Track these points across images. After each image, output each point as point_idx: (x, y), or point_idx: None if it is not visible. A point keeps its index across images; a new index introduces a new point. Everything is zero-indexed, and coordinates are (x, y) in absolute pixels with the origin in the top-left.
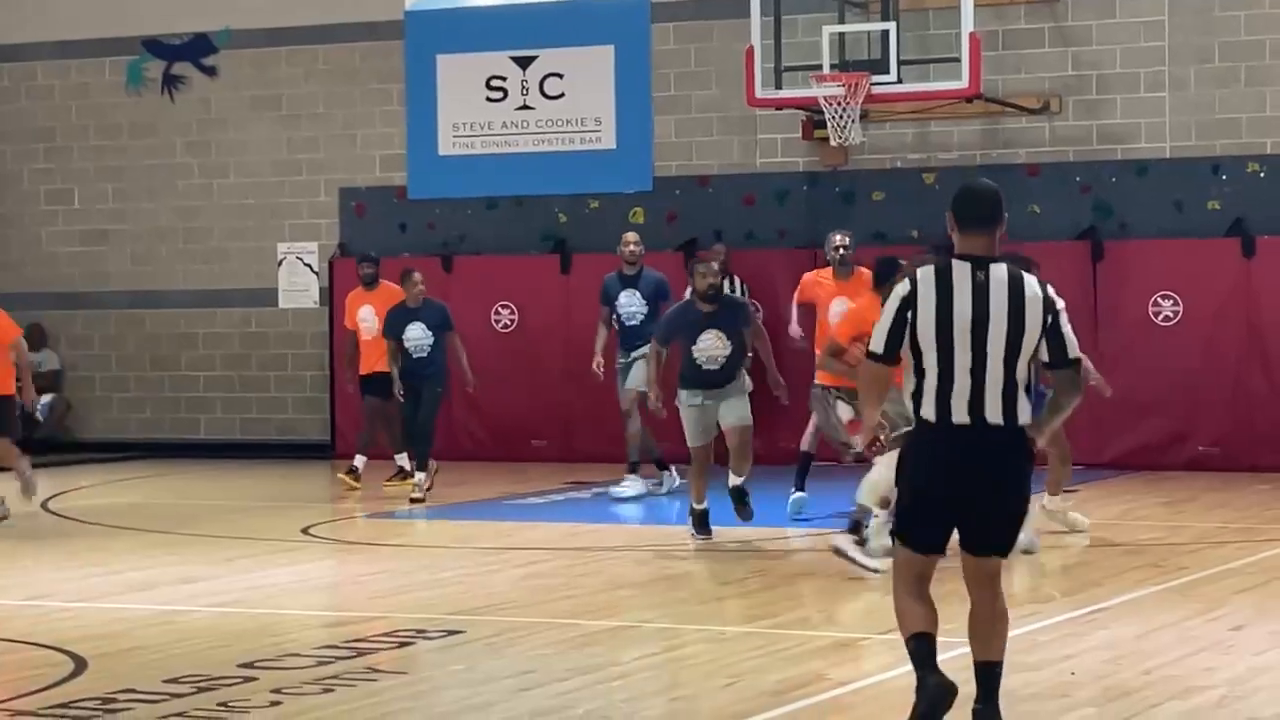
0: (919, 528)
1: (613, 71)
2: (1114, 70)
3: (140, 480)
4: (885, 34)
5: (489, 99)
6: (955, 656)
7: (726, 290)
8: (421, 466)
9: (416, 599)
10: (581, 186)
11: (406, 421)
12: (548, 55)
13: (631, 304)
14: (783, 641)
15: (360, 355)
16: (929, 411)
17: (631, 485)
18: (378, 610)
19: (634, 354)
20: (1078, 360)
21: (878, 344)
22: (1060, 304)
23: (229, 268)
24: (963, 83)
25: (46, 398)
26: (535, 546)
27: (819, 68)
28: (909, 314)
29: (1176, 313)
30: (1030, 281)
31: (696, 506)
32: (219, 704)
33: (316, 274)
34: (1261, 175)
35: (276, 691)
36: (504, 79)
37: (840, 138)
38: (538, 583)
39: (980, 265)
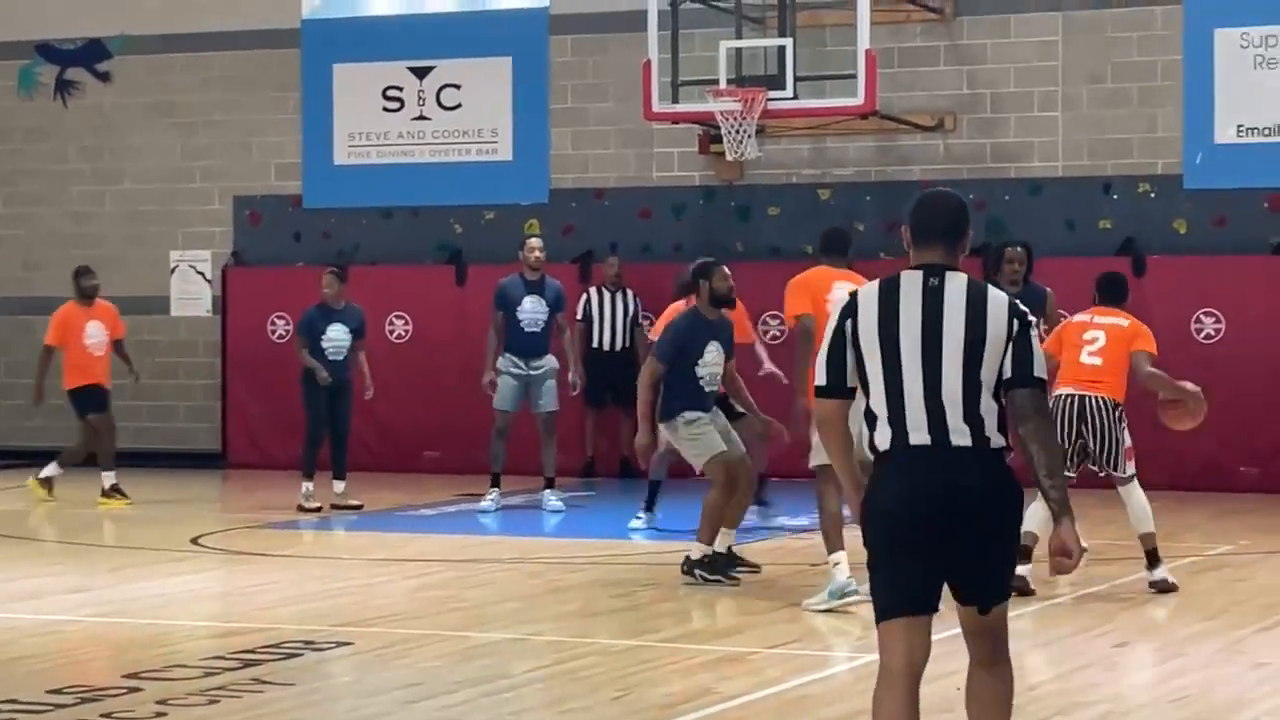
0: (890, 580)
1: (510, 83)
2: (1008, 89)
3: (26, 488)
4: (781, 50)
5: (385, 109)
6: None
7: (620, 304)
8: (343, 474)
9: (306, 610)
10: (478, 198)
11: (317, 425)
12: (445, 66)
13: (536, 310)
14: (672, 655)
15: (77, 369)
16: (882, 437)
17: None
18: (266, 621)
19: (535, 365)
20: (1042, 381)
21: (820, 374)
22: (1031, 317)
23: (122, 275)
24: (858, 99)
25: None
26: (427, 558)
27: (716, 83)
28: (848, 323)
29: None
30: (995, 292)
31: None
32: (102, 715)
33: (210, 282)
34: (1152, 195)
35: (161, 703)
36: (401, 89)
37: (736, 153)
38: (429, 594)
39: (934, 272)
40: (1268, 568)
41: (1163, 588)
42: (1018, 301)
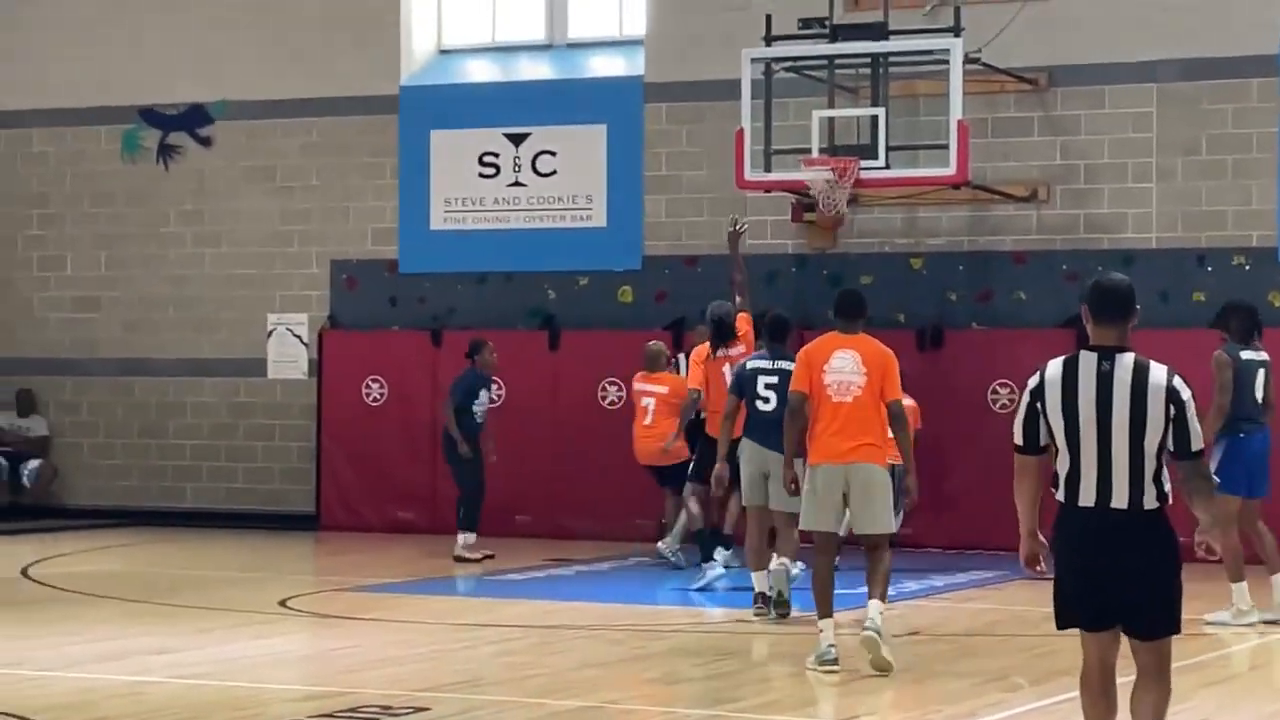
0: (1072, 603)
1: (605, 150)
2: (1102, 160)
3: (123, 548)
4: (875, 119)
5: (481, 175)
6: None
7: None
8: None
9: (386, 674)
10: (572, 263)
11: (469, 484)
12: (541, 133)
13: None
14: None
15: None
16: (1061, 494)
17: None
18: (347, 685)
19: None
20: (1200, 453)
21: (1017, 435)
22: (1186, 394)
23: (219, 337)
24: (950, 169)
25: (34, 463)
26: (511, 624)
27: (809, 151)
28: (1039, 405)
29: None
30: (1156, 371)
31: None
32: None
33: (306, 345)
34: (1246, 268)
35: None
36: (497, 155)
37: (830, 210)
38: (509, 660)
39: (1106, 355)
40: None
41: None
42: (1175, 381)
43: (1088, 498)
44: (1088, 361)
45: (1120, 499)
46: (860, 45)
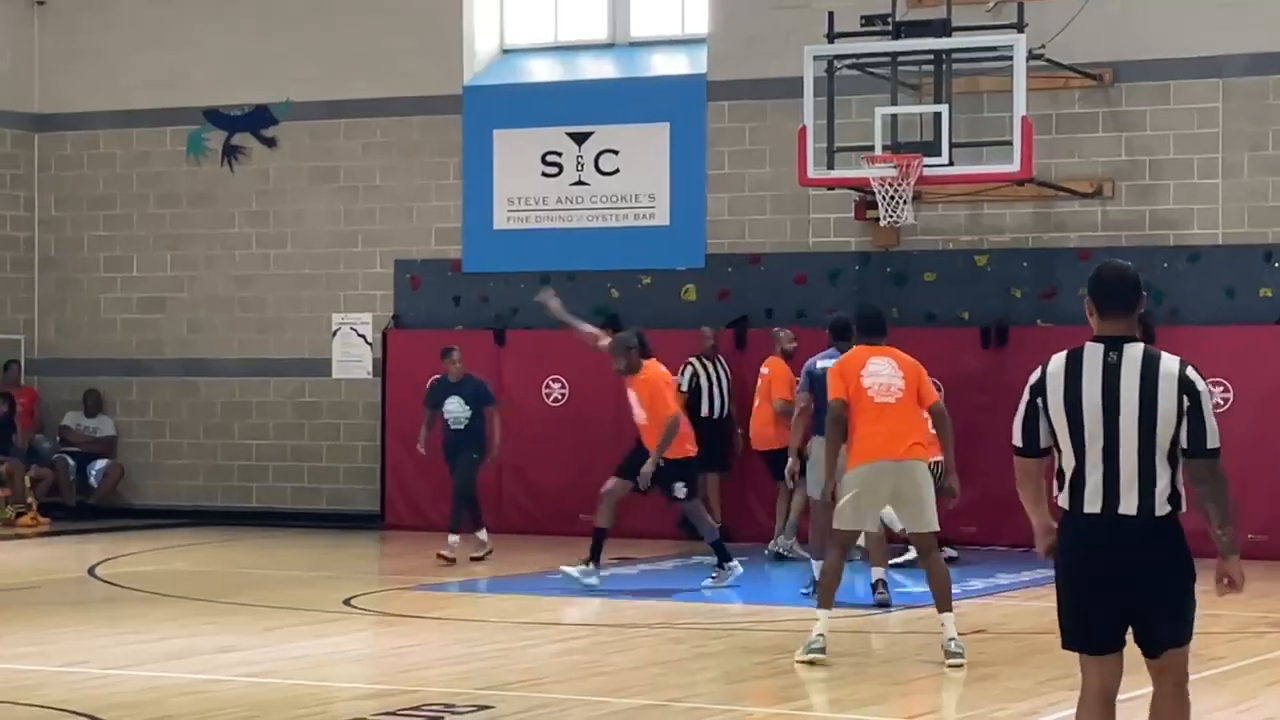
0: (1073, 624)
1: (667, 148)
2: (1167, 156)
3: (189, 548)
4: (938, 116)
5: (544, 174)
6: None
7: (712, 373)
8: (478, 525)
9: (450, 673)
10: (634, 262)
11: (455, 484)
12: (603, 131)
13: None
14: None
15: None
16: (1064, 499)
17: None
18: (410, 683)
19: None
20: (1216, 450)
21: (1016, 436)
22: (1201, 385)
23: (283, 337)
24: (1014, 166)
25: (101, 463)
26: (574, 622)
27: (871, 149)
28: (1039, 401)
29: (1226, 399)
30: (1168, 361)
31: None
32: None
33: (370, 345)
34: None
35: None
36: (559, 154)
37: (891, 219)
38: (572, 659)
39: (1114, 346)
40: None
41: None
42: (1189, 372)
43: (1093, 503)
44: (1093, 353)
45: (1129, 504)
46: (923, 42)
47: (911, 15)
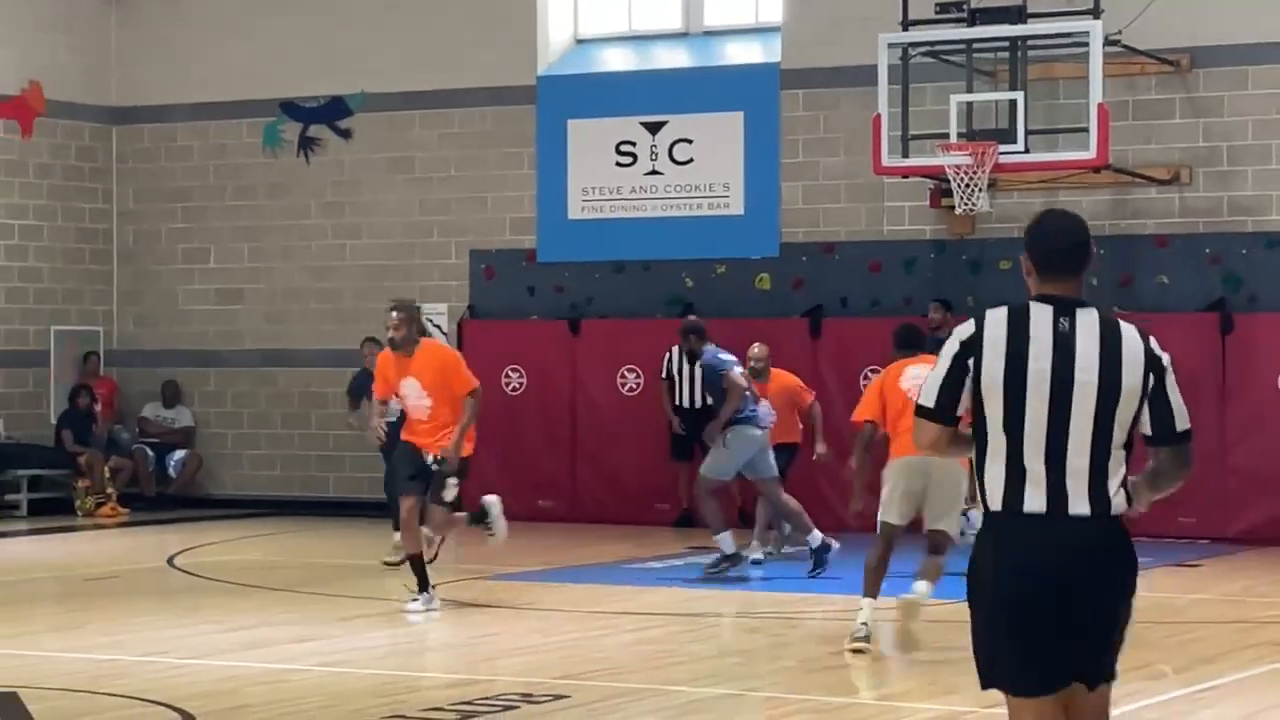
0: (1007, 656)
1: (741, 137)
2: (1245, 142)
3: (267, 537)
4: (1013, 103)
5: (618, 164)
6: None
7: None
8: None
9: (527, 662)
10: (709, 251)
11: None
12: (677, 121)
13: None
14: (888, 714)
15: None
16: (994, 497)
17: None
18: (487, 673)
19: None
20: (1187, 434)
21: (929, 395)
22: (1167, 360)
23: (360, 328)
24: (1090, 153)
25: (179, 453)
26: (650, 611)
27: (946, 136)
28: (969, 362)
29: None
30: (1130, 331)
31: None
32: None
33: (446, 335)
34: None
35: None
36: (634, 144)
37: (966, 206)
38: (648, 648)
39: (1065, 309)
40: None
41: None
42: (1153, 344)
43: (1035, 502)
44: (1041, 315)
45: (1080, 503)
46: (998, 29)
47: (987, 2)
